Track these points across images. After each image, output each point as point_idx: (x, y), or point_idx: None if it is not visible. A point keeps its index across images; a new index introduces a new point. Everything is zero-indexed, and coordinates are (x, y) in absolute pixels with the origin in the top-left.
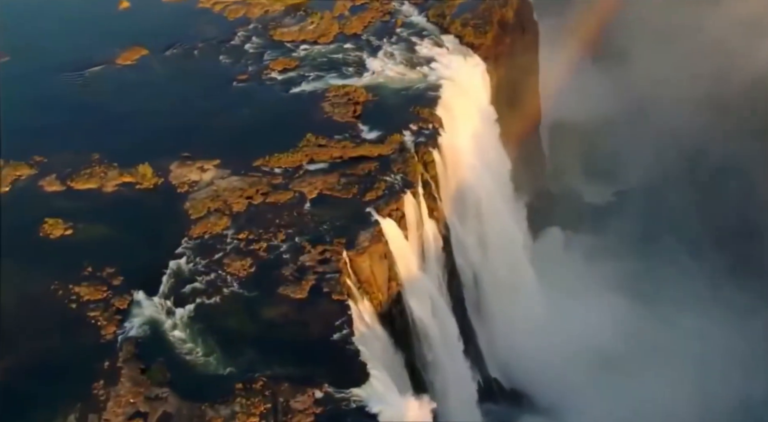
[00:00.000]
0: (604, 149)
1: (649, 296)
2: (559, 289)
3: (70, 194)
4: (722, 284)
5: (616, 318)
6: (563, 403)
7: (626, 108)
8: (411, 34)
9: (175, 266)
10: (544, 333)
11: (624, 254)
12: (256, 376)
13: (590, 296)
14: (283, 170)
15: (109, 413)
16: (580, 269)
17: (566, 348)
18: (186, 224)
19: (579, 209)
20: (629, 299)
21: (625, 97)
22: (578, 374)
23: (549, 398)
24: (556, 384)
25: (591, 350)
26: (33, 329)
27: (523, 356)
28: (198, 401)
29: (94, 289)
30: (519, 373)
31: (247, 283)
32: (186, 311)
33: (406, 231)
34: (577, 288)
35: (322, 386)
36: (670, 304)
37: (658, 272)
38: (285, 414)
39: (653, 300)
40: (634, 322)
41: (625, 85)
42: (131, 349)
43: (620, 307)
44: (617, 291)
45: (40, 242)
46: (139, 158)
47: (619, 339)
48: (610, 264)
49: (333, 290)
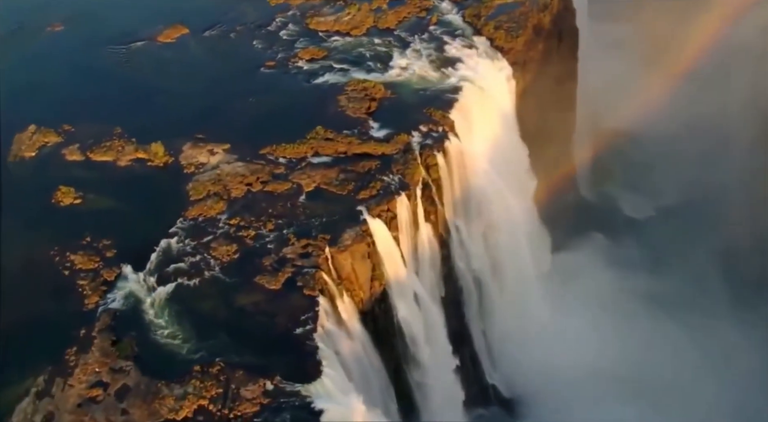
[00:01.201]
0: (653, 162)
1: (672, 318)
2: (575, 302)
3: (87, 164)
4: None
5: (631, 337)
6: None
7: (687, 123)
8: (443, 32)
9: (165, 245)
10: (552, 345)
11: (654, 271)
12: (215, 360)
13: (608, 312)
14: (287, 160)
15: (74, 379)
16: (602, 283)
17: (574, 364)
18: (184, 204)
19: (615, 221)
20: (650, 319)
21: (687, 112)
22: (583, 392)
23: (547, 412)
24: (557, 398)
25: (600, 368)
26: (25, 289)
27: (528, 367)
28: (157, 378)
29: (87, 259)
30: (521, 384)
31: (228, 269)
32: (166, 290)
33: (397, 232)
34: (595, 303)
35: (273, 378)
36: (691, 329)
37: (686, 293)
38: (233, 401)
39: (675, 323)
40: (651, 343)
41: (689, 100)
42: (107, 320)
43: (639, 326)
44: (638, 310)
45: (51, 208)
46: (156, 135)
47: (632, 359)
48: (637, 281)
49: (306, 284)
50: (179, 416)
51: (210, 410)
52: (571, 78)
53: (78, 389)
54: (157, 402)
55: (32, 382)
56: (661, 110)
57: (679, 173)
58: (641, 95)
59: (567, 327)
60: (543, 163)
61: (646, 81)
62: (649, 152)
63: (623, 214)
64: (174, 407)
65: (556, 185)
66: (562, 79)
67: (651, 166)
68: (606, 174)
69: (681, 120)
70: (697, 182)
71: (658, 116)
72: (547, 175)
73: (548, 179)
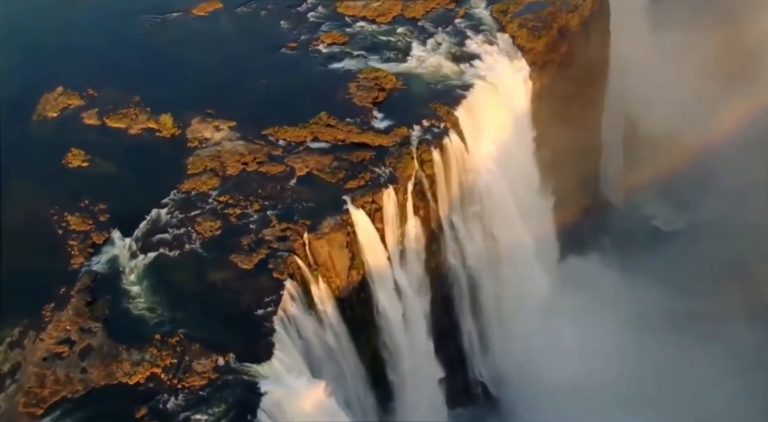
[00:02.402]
0: (696, 174)
1: (687, 334)
2: (581, 310)
3: (101, 129)
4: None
5: (638, 350)
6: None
7: (741, 136)
8: (468, 26)
9: (155, 215)
10: (552, 352)
11: (672, 286)
12: (175, 331)
13: (617, 323)
14: (286, 143)
15: (46, 334)
16: (613, 293)
17: (573, 373)
18: (181, 177)
19: (639, 232)
20: (660, 335)
21: (741, 124)
22: (581, 401)
23: (538, 416)
24: (550, 405)
25: (602, 378)
26: (20, 244)
27: (524, 370)
28: (119, 342)
29: (82, 220)
30: (515, 386)
31: (207, 244)
32: (146, 259)
33: (382, 225)
34: (603, 312)
35: (227, 355)
36: (704, 346)
37: (704, 310)
38: (184, 372)
39: (690, 340)
40: (653, 361)
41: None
42: (87, 282)
43: (647, 340)
44: (649, 323)
45: (60, 168)
46: (170, 106)
47: (633, 375)
48: (652, 293)
49: (276, 267)
50: (131, 380)
51: (161, 378)
52: (599, 82)
53: (47, 343)
54: (115, 364)
55: (8, 333)
56: (712, 120)
57: (720, 189)
58: (693, 104)
59: (570, 335)
60: (561, 165)
61: (700, 89)
62: (694, 163)
63: (650, 225)
64: (129, 371)
65: (575, 188)
66: (587, 82)
67: (692, 178)
68: (640, 182)
69: (734, 132)
70: (738, 199)
71: (712, 126)
72: (564, 178)
73: (566, 181)
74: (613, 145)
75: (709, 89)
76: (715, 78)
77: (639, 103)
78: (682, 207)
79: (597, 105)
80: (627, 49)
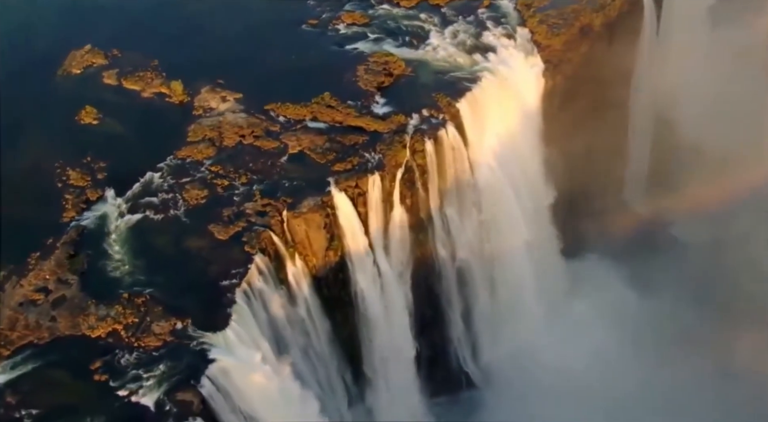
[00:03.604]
0: (733, 187)
1: (673, 356)
2: (578, 313)
3: (117, 90)
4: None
5: (627, 362)
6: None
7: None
8: (489, 18)
9: (149, 178)
10: (541, 351)
11: (680, 301)
12: (143, 292)
13: (610, 331)
14: (285, 119)
15: (26, 280)
16: (614, 298)
17: (558, 373)
18: (180, 144)
19: (657, 240)
20: (651, 351)
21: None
22: (561, 402)
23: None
24: (531, 401)
25: (585, 384)
26: (21, 192)
27: (509, 364)
28: (90, 296)
29: (81, 176)
30: (498, 379)
31: (191, 211)
32: (132, 219)
33: (365, 209)
34: (598, 317)
35: (185, 320)
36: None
37: (703, 335)
38: (142, 332)
39: (675, 360)
40: (643, 371)
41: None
42: (73, 235)
43: (644, 354)
44: (649, 336)
45: (71, 124)
46: (185, 73)
47: (622, 382)
48: (656, 305)
49: (249, 241)
50: (93, 334)
51: (120, 335)
52: (623, 86)
53: (25, 290)
54: (82, 317)
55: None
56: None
57: (757, 203)
58: (746, 115)
59: (565, 336)
60: (575, 168)
61: (753, 94)
62: (736, 176)
63: (671, 234)
64: (93, 325)
65: (594, 192)
66: (609, 85)
67: (729, 191)
68: (667, 188)
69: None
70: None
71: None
72: (580, 181)
73: (582, 184)
74: (641, 152)
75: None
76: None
77: (683, 111)
78: (711, 221)
79: (620, 110)
80: (682, 50)
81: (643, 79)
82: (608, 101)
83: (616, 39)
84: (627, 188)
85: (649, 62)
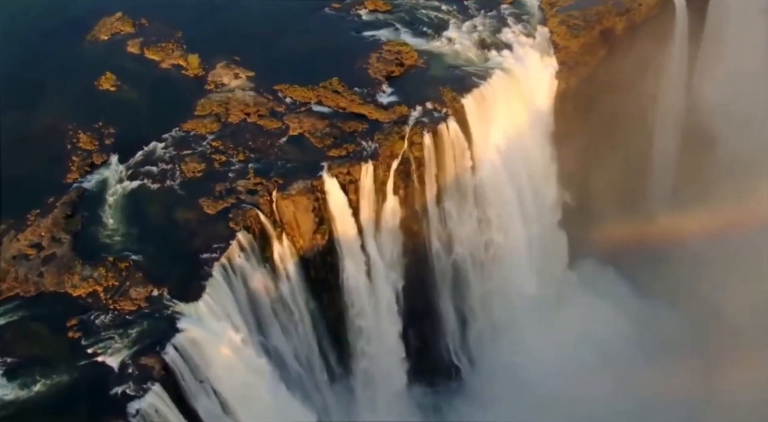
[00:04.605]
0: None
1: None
2: (576, 316)
3: (138, 58)
4: None
5: (617, 371)
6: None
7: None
8: (511, 14)
9: (152, 147)
10: (535, 351)
11: (674, 313)
12: (127, 257)
13: (607, 337)
14: (291, 101)
15: (23, 235)
16: (615, 306)
17: (549, 375)
18: (187, 116)
19: (674, 250)
20: (643, 363)
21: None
22: (548, 403)
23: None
24: (517, 399)
25: (575, 388)
26: (32, 151)
27: (500, 361)
28: (79, 256)
29: (90, 140)
30: (487, 374)
31: (185, 184)
32: (130, 186)
33: (357, 196)
34: (595, 322)
35: (162, 288)
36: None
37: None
38: (120, 295)
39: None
40: (633, 383)
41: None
42: (73, 196)
43: (636, 373)
44: (638, 348)
45: (91, 88)
46: (204, 47)
47: (611, 391)
48: (650, 316)
49: (234, 218)
50: (74, 292)
51: (99, 296)
52: (647, 94)
53: (21, 244)
54: (67, 275)
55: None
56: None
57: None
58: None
59: (560, 338)
60: (588, 170)
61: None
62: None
63: (689, 248)
64: (74, 284)
65: (605, 196)
66: (630, 91)
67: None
68: (696, 202)
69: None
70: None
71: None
72: (592, 183)
73: (593, 186)
74: (667, 163)
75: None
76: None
77: (723, 124)
78: (731, 240)
79: (643, 119)
80: (732, 60)
81: (673, 89)
82: (630, 109)
83: (641, 45)
84: (650, 198)
85: (681, 72)
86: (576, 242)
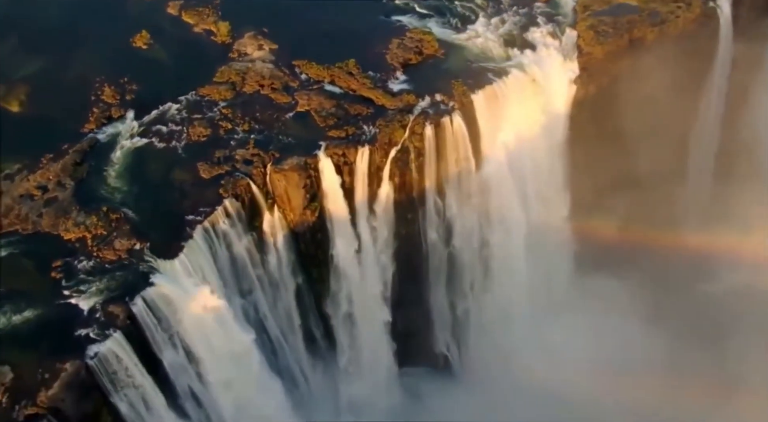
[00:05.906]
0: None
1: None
2: (575, 320)
3: (174, 20)
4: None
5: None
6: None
7: None
8: (543, 13)
9: (167, 107)
10: (529, 350)
11: (694, 347)
12: (119, 209)
13: (603, 342)
14: (306, 78)
15: (33, 176)
16: (619, 312)
17: (543, 376)
18: (205, 81)
19: (694, 275)
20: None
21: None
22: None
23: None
24: (506, 395)
25: (566, 391)
26: (59, 97)
27: (492, 357)
28: (77, 202)
29: (113, 94)
30: (477, 367)
31: (189, 146)
32: (139, 142)
33: (351, 179)
34: (594, 327)
35: (144, 243)
36: None
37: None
38: (105, 245)
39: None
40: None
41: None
42: (85, 146)
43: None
44: (633, 359)
45: (125, 45)
46: (236, 16)
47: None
48: (658, 340)
49: (225, 186)
50: (66, 236)
51: (86, 243)
52: (680, 113)
53: (29, 185)
54: (62, 219)
55: (9, 166)
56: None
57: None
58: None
59: (549, 345)
60: (605, 178)
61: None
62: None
63: (714, 271)
64: (67, 228)
65: (635, 210)
66: (659, 106)
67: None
68: (731, 225)
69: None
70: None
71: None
72: (609, 193)
73: (614, 198)
74: (701, 180)
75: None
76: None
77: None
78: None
79: (675, 134)
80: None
81: (712, 107)
82: (659, 124)
83: (675, 62)
84: (680, 216)
85: (719, 100)
86: (585, 250)
